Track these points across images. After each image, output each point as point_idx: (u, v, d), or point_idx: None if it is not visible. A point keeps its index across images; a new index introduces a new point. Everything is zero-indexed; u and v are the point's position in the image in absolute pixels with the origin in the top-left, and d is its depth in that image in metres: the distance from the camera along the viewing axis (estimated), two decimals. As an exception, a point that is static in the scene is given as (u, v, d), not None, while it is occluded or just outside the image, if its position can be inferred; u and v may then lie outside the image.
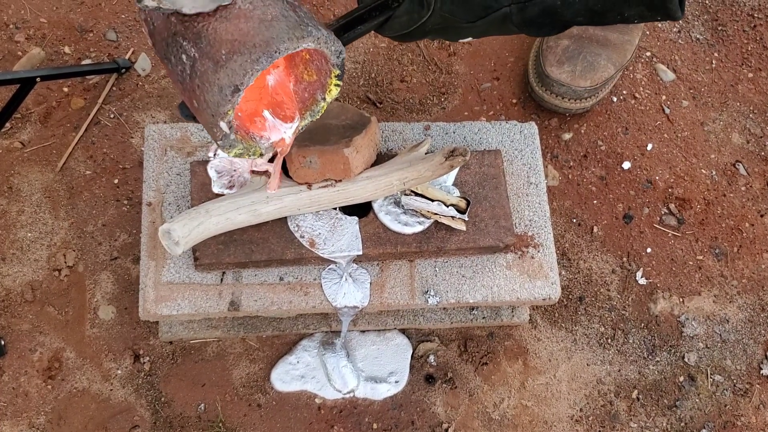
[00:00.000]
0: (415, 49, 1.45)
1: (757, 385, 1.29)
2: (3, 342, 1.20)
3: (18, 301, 1.23)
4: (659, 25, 1.51)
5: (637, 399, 1.26)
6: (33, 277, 1.25)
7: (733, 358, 1.30)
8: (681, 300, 1.33)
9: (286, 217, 1.06)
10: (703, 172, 1.41)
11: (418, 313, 1.24)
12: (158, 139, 1.14)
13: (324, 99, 0.84)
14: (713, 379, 1.29)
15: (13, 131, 1.33)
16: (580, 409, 1.25)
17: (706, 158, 1.43)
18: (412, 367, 1.25)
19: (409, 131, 1.18)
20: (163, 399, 1.20)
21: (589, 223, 1.36)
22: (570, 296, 1.31)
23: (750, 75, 1.49)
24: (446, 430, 1.22)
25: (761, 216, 1.39)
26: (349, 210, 1.09)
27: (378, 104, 1.40)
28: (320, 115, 0.86)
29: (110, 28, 1.41)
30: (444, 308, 1.20)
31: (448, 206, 1.07)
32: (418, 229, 1.08)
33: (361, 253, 1.07)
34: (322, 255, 1.06)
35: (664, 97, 1.46)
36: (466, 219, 1.09)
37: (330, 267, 1.09)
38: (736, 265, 1.36)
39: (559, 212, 1.36)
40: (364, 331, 1.24)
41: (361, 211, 1.09)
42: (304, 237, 1.06)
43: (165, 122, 1.35)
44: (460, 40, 0.96)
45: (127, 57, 1.39)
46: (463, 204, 1.09)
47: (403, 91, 1.42)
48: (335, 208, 1.08)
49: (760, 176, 1.42)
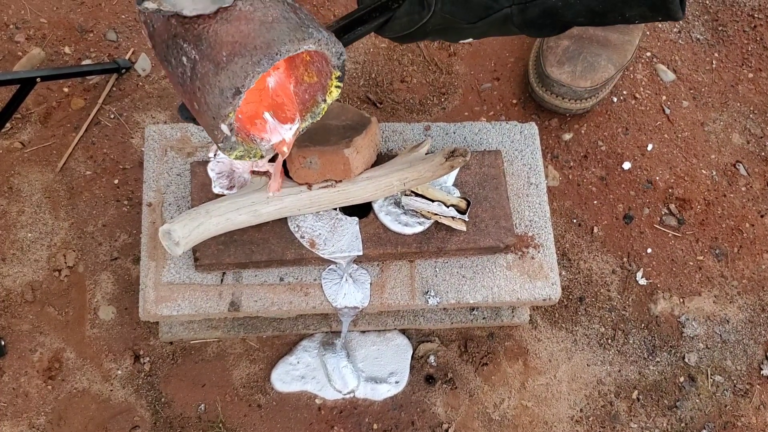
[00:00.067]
0: (415, 50, 1.45)
1: (758, 386, 1.29)
2: (3, 342, 1.20)
3: (18, 302, 1.23)
4: (659, 26, 1.51)
5: (638, 399, 1.26)
6: (33, 278, 1.25)
7: (734, 358, 1.30)
8: (681, 300, 1.33)
9: (287, 218, 1.06)
10: (704, 172, 1.41)
11: (418, 314, 1.24)
12: (158, 140, 1.14)
13: (324, 100, 0.84)
14: (713, 380, 1.29)
15: (14, 131, 1.33)
16: (581, 410, 1.25)
17: (707, 158, 1.42)
18: (412, 368, 1.25)
19: (409, 132, 1.17)
20: (164, 399, 1.20)
21: (590, 224, 1.36)
22: (570, 297, 1.31)
23: (750, 75, 1.49)
24: (446, 431, 1.22)
25: (761, 216, 1.39)
26: (349, 210, 1.09)
27: (378, 104, 1.40)
28: (321, 117, 0.86)
29: (110, 28, 1.41)
30: (444, 309, 1.20)
31: (448, 207, 1.07)
32: (419, 229, 1.08)
33: (361, 253, 1.07)
34: (323, 255, 1.06)
35: (664, 98, 1.46)
36: (467, 219, 1.08)
37: (330, 267, 1.09)
38: (737, 266, 1.36)
39: (560, 212, 1.36)
40: (364, 332, 1.24)
41: (362, 211, 1.09)
42: (304, 237, 1.06)
43: (165, 123, 1.35)
44: (461, 41, 0.95)
45: (128, 57, 1.39)
46: (463, 204, 1.09)
47: (404, 92, 1.42)
48: (335, 209, 1.08)
49: (760, 176, 1.42)
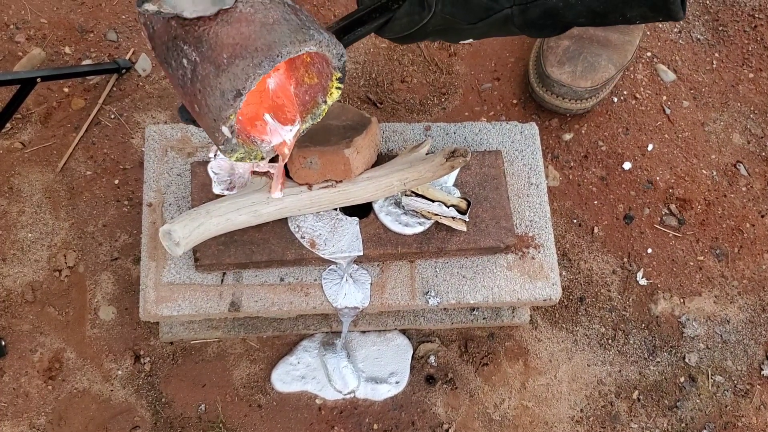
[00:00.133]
0: (415, 50, 1.45)
1: (758, 386, 1.29)
2: (3, 342, 1.20)
3: (18, 302, 1.23)
4: (660, 26, 1.51)
5: (638, 400, 1.26)
6: (33, 278, 1.25)
7: (734, 358, 1.30)
8: (682, 300, 1.33)
9: (287, 218, 1.06)
10: (704, 172, 1.41)
11: (418, 314, 1.24)
12: (159, 140, 1.14)
13: (325, 102, 0.84)
14: (714, 380, 1.29)
15: (14, 132, 1.33)
16: (581, 410, 1.25)
17: (707, 159, 1.42)
18: (412, 368, 1.25)
19: (409, 132, 1.17)
20: (164, 399, 1.20)
21: (590, 224, 1.36)
22: (571, 297, 1.31)
23: (751, 75, 1.49)
24: (447, 431, 1.22)
25: (762, 216, 1.39)
26: (349, 211, 1.09)
27: (378, 105, 1.40)
28: (321, 118, 0.86)
29: (111, 28, 1.41)
30: (444, 309, 1.20)
31: (448, 207, 1.07)
32: (419, 229, 1.08)
33: (361, 253, 1.07)
34: (323, 256, 1.06)
35: (664, 98, 1.46)
36: (467, 220, 1.08)
37: (330, 268, 1.09)
38: (737, 266, 1.36)
39: (560, 213, 1.36)
40: (364, 332, 1.24)
41: (362, 211, 1.09)
42: (304, 238, 1.06)
43: (165, 123, 1.35)
44: (461, 42, 0.95)
45: (128, 57, 1.39)
46: (463, 205, 1.09)
47: (404, 92, 1.42)
48: (336, 209, 1.08)
49: (760, 177, 1.42)
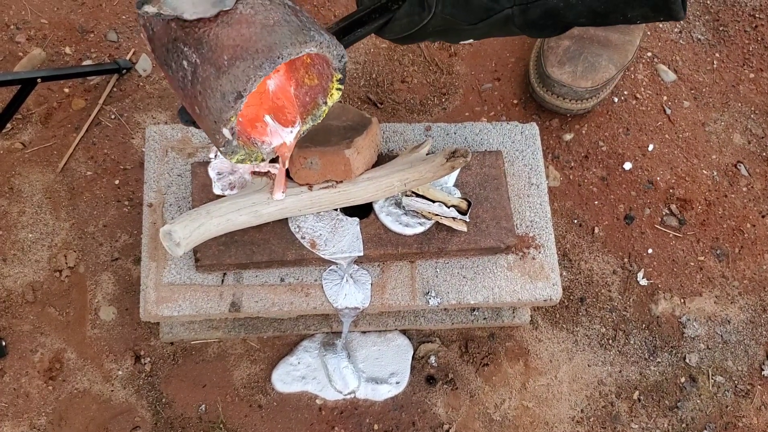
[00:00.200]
0: (415, 50, 1.45)
1: (759, 386, 1.29)
2: (4, 343, 1.20)
3: (19, 302, 1.23)
4: (660, 26, 1.51)
5: (638, 400, 1.26)
6: (34, 278, 1.25)
7: (735, 359, 1.30)
8: (682, 301, 1.33)
9: (287, 219, 1.06)
10: (705, 172, 1.41)
11: (419, 314, 1.24)
12: (159, 140, 1.14)
13: (325, 103, 0.84)
14: (714, 380, 1.28)
15: (14, 132, 1.33)
16: (581, 410, 1.25)
17: (708, 159, 1.42)
18: (413, 368, 1.25)
19: (410, 132, 1.17)
20: (164, 400, 1.21)
21: (590, 224, 1.36)
22: (571, 297, 1.31)
23: (751, 75, 1.49)
24: (447, 431, 1.22)
25: (762, 217, 1.39)
26: (350, 211, 1.09)
27: (379, 105, 1.40)
28: (321, 119, 0.86)
29: (111, 28, 1.41)
30: (445, 309, 1.20)
31: (449, 207, 1.07)
32: (419, 230, 1.08)
33: (362, 254, 1.07)
34: (323, 256, 1.06)
35: (665, 98, 1.46)
36: (467, 220, 1.08)
37: (331, 268, 1.09)
38: (738, 266, 1.36)
39: (560, 213, 1.36)
40: (365, 332, 1.24)
41: (362, 212, 1.09)
42: (305, 238, 1.06)
43: (166, 123, 1.35)
44: (461, 42, 0.95)
45: (128, 58, 1.39)
46: (464, 205, 1.09)
47: (404, 92, 1.42)
48: (336, 209, 1.08)
49: (761, 177, 1.42)
